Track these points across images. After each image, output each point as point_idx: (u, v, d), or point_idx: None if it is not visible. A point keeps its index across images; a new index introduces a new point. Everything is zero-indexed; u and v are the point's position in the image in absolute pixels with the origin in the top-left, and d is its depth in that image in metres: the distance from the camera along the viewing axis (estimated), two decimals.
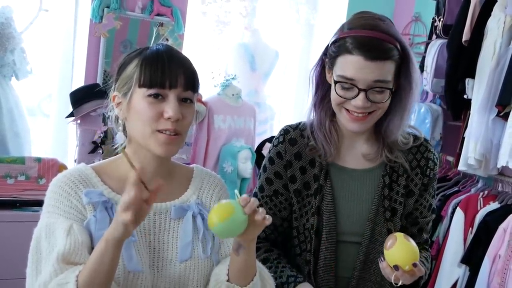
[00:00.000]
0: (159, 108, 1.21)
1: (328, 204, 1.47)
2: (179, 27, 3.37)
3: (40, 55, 3.28)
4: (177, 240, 1.29)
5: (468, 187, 3.13)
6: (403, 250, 1.28)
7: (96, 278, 1.09)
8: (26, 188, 2.71)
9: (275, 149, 1.53)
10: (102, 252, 1.08)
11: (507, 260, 2.56)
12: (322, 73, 1.49)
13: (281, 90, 4.11)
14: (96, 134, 2.95)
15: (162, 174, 1.30)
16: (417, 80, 1.44)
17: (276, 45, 3.89)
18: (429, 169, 1.54)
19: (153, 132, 1.21)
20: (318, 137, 1.48)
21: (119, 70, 1.29)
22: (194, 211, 1.31)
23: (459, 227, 2.86)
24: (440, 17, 3.37)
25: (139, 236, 1.25)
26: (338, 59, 1.38)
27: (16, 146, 2.99)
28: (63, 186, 1.23)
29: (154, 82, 1.21)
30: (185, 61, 1.26)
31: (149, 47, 1.29)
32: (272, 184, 1.53)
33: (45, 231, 1.20)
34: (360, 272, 1.48)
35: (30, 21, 3.15)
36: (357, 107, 1.37)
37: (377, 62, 1.34)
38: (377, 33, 1.35)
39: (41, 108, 3.51)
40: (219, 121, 3.37)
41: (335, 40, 1.40)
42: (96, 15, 3.12)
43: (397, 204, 1.50)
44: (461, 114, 3.18)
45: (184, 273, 1.28)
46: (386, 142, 1.49)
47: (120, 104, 1.27)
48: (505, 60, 2.74)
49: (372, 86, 1.35)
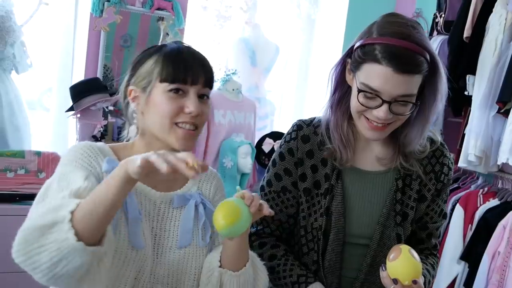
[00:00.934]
0: (179, 103, 1.25)
1: (338, 205, 1.44)
2: (179, 21, 3.36)
3: (40, 48, 3.27)
4: (178, 227, 1.33)
5: (468, 183, 3.13)
6: (405, 265, 1.27)
7: (94, 211, 1.04)
8: (26, 182, 2.71)
9: (286, 145, 1.50)
10: (107, 186, 1.05)
11: (507, 257, 2.56)
12: (342, 73, 1.42)
13: (282, 85, 4.10)
14: (96, 128, 2.95)
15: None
16: (443, 92, 1.36)
17: (276, 40, 3.88)
18: (443, 174, 1.50)
19: (171, 125, 1.25)
20: (334, 138, 1.43)
21: (136, 66, 1.32)
22: (197, 200, 1.36)
23: (459, 223, 2.86)
24: (441, 13, 3.36)
25: (144, 219, 1.28)
26: (364, 65, 1.30)
27: (16, 139, 2.99)
28: (84, 149, 1.25)
29: (177, 77, 1.25)
30: (205, 59, 1.31)
31: (166, 44, 1.32)
32: (280, 180, 1.50)
33: (58, 177, 1.19)
34: (366, 274, 1.46)
35: (30, 14, 3.14)
36: (378, 118, 1.30)
37: (406, 75, 1.26)
38: (409, 44, 1.26)
39: (41, 102, 3.51)
40: (219, 116, 3.36)
41: (363, 44, 1.32)
42: (96, 9, 3.11)
43: (408, 208, 1.47)
44: (462, 110, 3.18)
45: (183, 259, 1.31)
46: (402, 149, 1.44)
47: (136, 98, 1.30)
48: (506, 56, 2.73)
49: (397, 99, 1.28)
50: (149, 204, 1.31)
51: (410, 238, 1.51)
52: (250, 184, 3.60)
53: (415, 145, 1.43)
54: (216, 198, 1.43)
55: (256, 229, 1.53)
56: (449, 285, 2.87)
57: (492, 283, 2.59)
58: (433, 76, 1.33)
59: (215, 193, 1.43)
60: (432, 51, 1.31)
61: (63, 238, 1.01)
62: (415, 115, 1.38)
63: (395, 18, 1.33)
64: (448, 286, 2.87)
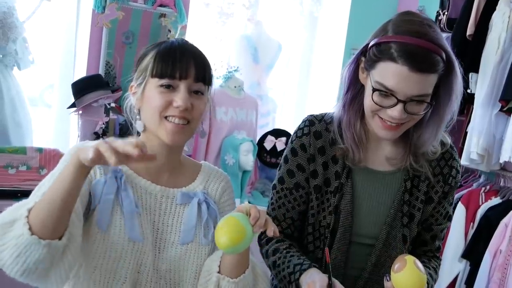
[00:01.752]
0: (169, 97, 1.27)
1: (347, 204, 1.43)
2: (182, 18, 3.35)
3: (42, 45, 3.26)
4: (180, 224, 1.34)
5: (470, 182, 3.13)
6: (410, 277, 1.26)
7: (51, 203, 1.06)
8: (28, 178, 2.71)
9: (298, 140, 1.47)
10: (62, 175, 1.07)
11: (508, 255, 2.56)
12: (355, 72, 1.40)
13: (284, 82, 4.09)
14: (97, 125, 2.94)
15: (172, 164, 1.38)
16: (458, 92, 1.35)
17: (279, 37, 3.87)
18: (451, 177, 1.50)
19: (161, 119, 1.27)
20: (347, 137, 1.42)
21: (138, 62, 1.35)
22: (200, 198, 1.36)
23: (461, 221, 2.86)
24: (444, 11, 3.35)
25: (143, 211, 1.30)
26: (379, 64, 1.28)
27: (17, 136, 2.98)
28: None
29: (165, 72, 1.27)
30: (197, 53, 1.32)
31: (166, 41, 1.35)
32: (294, 176, 1.48)
33: (48, 178, 1.23)
34: (369, 274, 1.46)
35: (32, 10, 3.14)
36: (393, 117, 1.29)
37: (422, 74, 1.24)
38: (425, 43, 1.24)
39: (43, 98, 3.50)
40: (221, 113, 3.36)
41: (378, 42, 1.30)
42: (98, 6, 3.10)
43: (415, 210, 1.46)
44: (464, 108, 3.17)
45: (185, 256, 1.32)
46: (413, 150, 1.43)
47: (135, 93, 1.34)
48: (509, 55, 2.73)
49: (413, 98, 1.27)
50: (150, 198, 1.32)
51: (414, 239, 1.51)
52: (251, 182, 3.60)
53: (428, 145, 1.42)
54: (223, 199, 1.43)
55: None
56: (450, 283, 2.87)
57: (493, 281, 2.59)
58: (448, 75, 1.32)
59: (222, 195, 1.43)
60: (448, 50, 1.30)
61: (19, 234, 1.05)
62: (429, 116, 1.37)
63: (411, 17, 1.32)
64: (449, 284, 2.87)
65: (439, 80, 1.30)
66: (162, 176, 1.36)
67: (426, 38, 1.25)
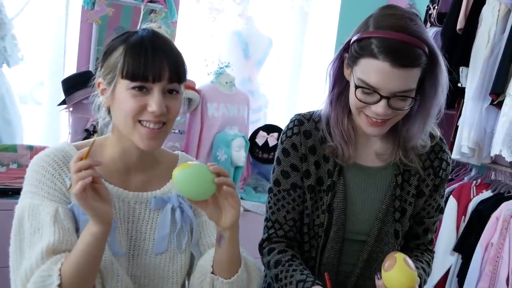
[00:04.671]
0: (142, 101, 1.18)
1: (340, 202, 1.42)
2: (172, 14, 3.33)
3: (32, 42, 3.24)
4: (154, 231, 1.30)
5: (461, 175, 3.14)
6: (400, 275, 1.26)
7: (81, 270, 1.08)
8: (18, 176, 2.69)
9: (289, 140, 1.45)
10: (89, 244, 1.08)
11: (499, 248, 2.57)
12: (340, 68, 1.38)
13: (275, 78, 4.09)
14: (88, 122, 2.93)
15: (146, 162, 1.31)
16: (444, 85, 1.33)
17: (270, 32, 3.87)
18: (442, 170, 1.49)
19: (135, 123, 1.19)
20: (335, 135, 1.41)
21: (104, 56, 1.25)
22: (174, 204, 1.31)
23: (452, 215, 2.87)
24: (434, 5, 3.36)
25: (118, 223, 1.25)
26: (361, 60, 1.26)
27: (8, 134, 2.97)
28: (46, 167, 1.22)
29: (137, 75, 1.17)
30: (170, 51, 1.21)
31: (134, 32, 1.24)
32: (289, 177, 1.45)
33: (28, 212, 1.18)
34: (362, 269, 1.46)
35: (21, 7, 3.11)
36: (377, 114, 1.28)
37: (404, 69, 1.22)
38: (406, 37, 1.22)
39: (33, 96, 3.48)
40: (213, 109, 3.35)
41: (359, 38, 1.28)
42: (88, 2, 3.07)
43: (407, 204, 1.45)
44: (455, 102, 3.18)
45: (160, 265, 1.29)
46: (402, 144, 1.42)
47: (105, 91, 1.23)
48: (499, 48, 2.74)
49: (396, 94, 1.26)
50: (123, 205, 1.27)
51: (406, 233, 1.50)
52: (244, 177, 3.60)
53: (417, 139, 1.41)
54: None
55: (267, 234, 1.48)
56: (442, 276, 2.88)
57: (485, 274, 2.60)
58: (432, 68, 1.30)
59: None
60: (430, 43, 1.28)
61: None
62: (416, 109, 1.36)
63: (391, 11, 1.29)
64: (441, 277, 2.88)
65: (424, 73, 1.29)
66: (134, 179, 1.30)
67: (406, 32, 1.23)
